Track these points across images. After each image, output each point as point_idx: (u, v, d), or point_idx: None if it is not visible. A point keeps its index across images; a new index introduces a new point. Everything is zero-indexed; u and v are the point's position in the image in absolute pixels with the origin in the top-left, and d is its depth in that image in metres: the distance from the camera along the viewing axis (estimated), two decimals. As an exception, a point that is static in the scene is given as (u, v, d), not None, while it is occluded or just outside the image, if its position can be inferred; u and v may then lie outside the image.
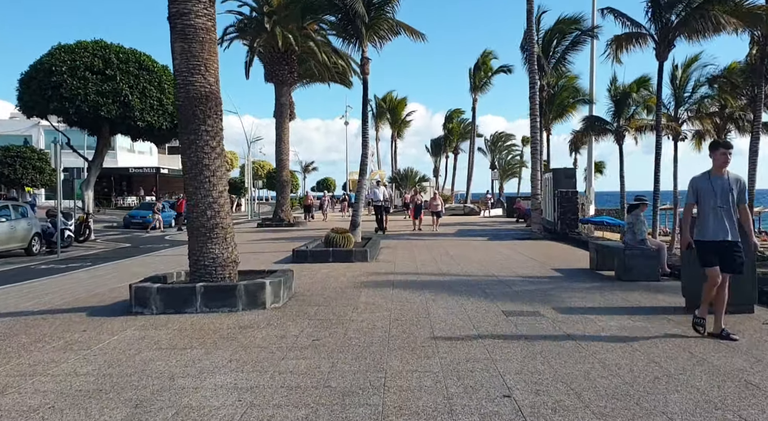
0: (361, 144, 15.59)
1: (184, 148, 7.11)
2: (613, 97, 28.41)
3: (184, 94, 7.02)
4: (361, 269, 10.78)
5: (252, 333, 5.77)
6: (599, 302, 7.38)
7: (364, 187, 15.62)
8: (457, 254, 13.54)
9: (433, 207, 23.32)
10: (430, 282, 9.18)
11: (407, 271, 10.58)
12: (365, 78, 15.32)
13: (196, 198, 7.06)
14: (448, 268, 11.00)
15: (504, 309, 6.92)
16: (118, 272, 11.44)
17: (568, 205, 18.20)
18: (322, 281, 9.28)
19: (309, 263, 11.87)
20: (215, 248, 7.08)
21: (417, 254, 13.61)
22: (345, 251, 12.12)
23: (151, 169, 49.03)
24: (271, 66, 27.49)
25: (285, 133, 27.74)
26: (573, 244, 16.30)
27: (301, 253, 12.10)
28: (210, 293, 6.66)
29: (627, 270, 9.23)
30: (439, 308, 6.94)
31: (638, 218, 9.46)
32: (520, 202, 32.43)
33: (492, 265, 11.43)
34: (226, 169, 7.37)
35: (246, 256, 13.70)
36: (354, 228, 15.17)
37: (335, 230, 12.95)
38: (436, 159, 72.84)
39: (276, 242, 18.33)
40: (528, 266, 11.30)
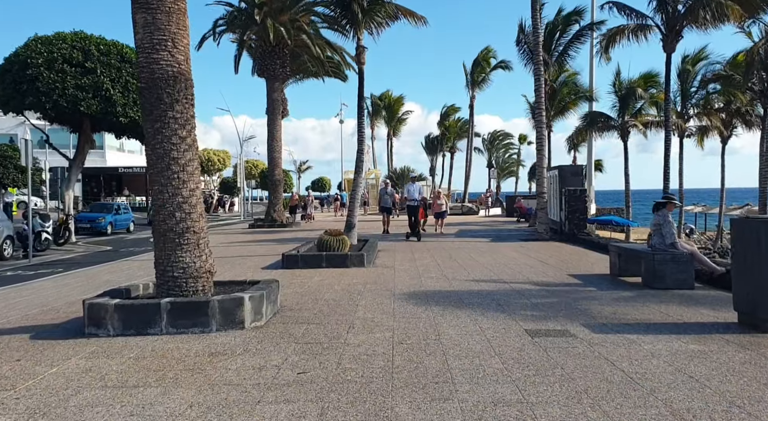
0: (357, 140, 14.52)
1: (148, 138, 6.03)
2: (617, 93, 27.42)
3: (147, 74, 5.94)
4: (358, 276, 9.72)
5: (224, 363, 4.70)
6: (635, 317, 6.34)
7: (360, 185, 14.57)
8: (461, 258, 12.50)
9: (437, 208, 20.84)
10: (436, 292, 8.12)
11: (409, 278, 9.52)
12: (361, 68, 14.26)
13: (163, 198, 5.98)
14: (453, 274, 9.94)
15: (527, 327, 5.87)
16: (87, 280, 10.34)
17: (576, 204, 17.18)
18: (313, 292, 8.20)
19: (300, 268, 10.80)
20: (186, 256, 6.00)
21: (417, 258, 12.56)
22: (340, 255, 11.05)
23: (140, 168, 47.69)
24: (262, 60, 26.38)
25: (277, 131, 26.64)
26: (583, 245, 15.28)
27: (291, 258, 11.03)
28: (178, 310, 5.58)
29: (657, 277, 8.20)
30: (450, 327, 5.88)
31: (666, 218, 8.42)
32: (520, 201, 31.46)
33: (501, 270, 10.38)
34: (199, 163, 6.29)
35: (233, 260, 12.69)
36: (349, 230, 14.10)
37: (329, 232, 11.89)
38: (432, 158, 71.82)
39: (266, 245, 17.25)
40: (541, 271, 10.26)
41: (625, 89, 26.82)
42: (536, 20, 17.36)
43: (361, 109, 14.43)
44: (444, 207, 20.90)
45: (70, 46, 18.77)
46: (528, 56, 24.18)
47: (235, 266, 11.59)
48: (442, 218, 20.71)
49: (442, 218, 20.67)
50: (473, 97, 43.62)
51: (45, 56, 18.31)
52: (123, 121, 19.49)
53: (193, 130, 6.20)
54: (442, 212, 20.74)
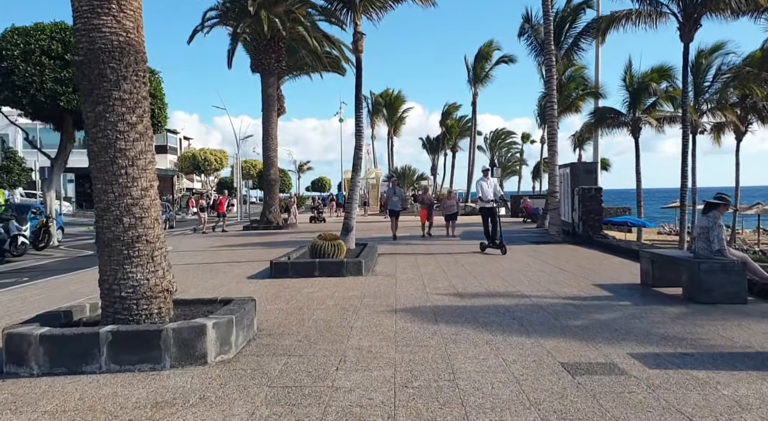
0: (355, 136, 13.32)
1: (88, 125, 4.85)
2: (628, 87, 26.19)
3: (86, 44, 4.75)
4: (355, 287, 8.53)
5: (170, 419, 3.51)
6: (693, 344, 5.15)
7: (357, 185, 13.37)
8: (469, 264, 11.30)
9: (448, 208, 18.77)
10: (445, 308, 6.92)
11: (413, 289, 8.33)
12: (358, 57, 13.06)
13: (107, 199, 4.80)
14: (463, 284, 8.75)
15: (563, 360, 4.68)
16: (48, 293, 9.15)
17: (592, 204, 15.98)
18: (301, 308, 7.01)
19: (290, 277, 9.61)
20: (137, 271, 4.82)
21: (421, 264, 11.37)
22: (335, 262, 9.86)
23: (135, 168, 46.65)
24: (257, 54, 25.23)
25: (273, 128, 25.46)
26: (600, 248, 14.07)
27: (280, 266, 9.83)
28: (122, 341, 4.39)
29: (703, 289, 7.01)
30: (467, 360, 4.69)
31: (716, 221, 7.22)
32: (526, 201, 30.26)
33: (516, 279, 9.18)
34: (153, 156, 5.09)
35: (218, 267, 11.46)
36: (346, 233, 12.91)
37: (323, 236, 10.69)
38: (434, 157, 70.66)
39: (258, 249, 16.06)
40: (561, 280, 9.06)
41: (637, 84, 25.57)
42: (547, 6, 16.16)
43: (359, 101, 13.24)
44: (455, 208, 18.95)
45: (49, 38, 17.57)
46: (533, 48, 23.02)
47: (218, 275, 10.40)
48: (454, 219, 18.68)
49: (453, 220, 18.64)
50: (476, 94, 42.42)
51: (21, 48, 17.10)
52: (106, 118, 18.28)
53: (146, 115, 5.02)
54: (454, 214, 18.73)
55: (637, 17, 19.49)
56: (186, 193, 54.55)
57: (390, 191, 18.43)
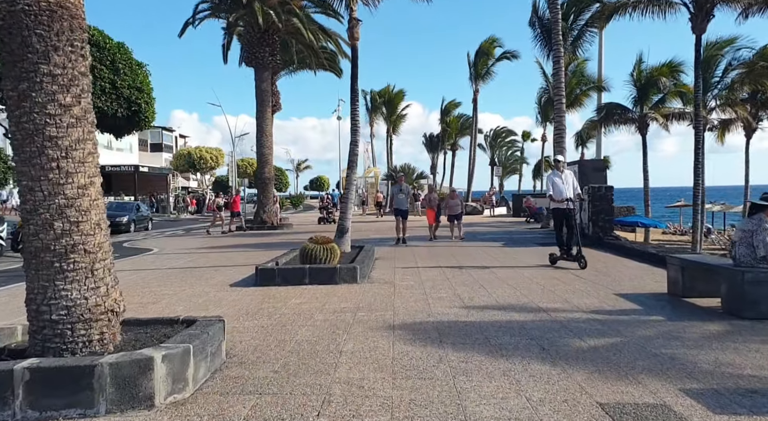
0: (350, 130, 12.37)
1: (11, 106, 3.90)
2: (635, 82, 25.26)
3: (5, 5, 3.80)
4: (348, 298, 7.60)
5: None
6: (756, 376, 4.22)
7: (353, 183, 12.44)
8: (474, 269, 10.37)
9: (452, 208, 17.30)
10: (451, 325, 5.99)
11: (413, 300, 7.40)
12: (354, 44, 12.12)
13: (35, 199, 3.86)
14: (470, 294, 7.82)
15: (600, 399, 3.75)
16: (10, 302, 8.20)
17: (601, 203, 15.05)
18: (284, 325, 6.07)
19: (277, 285, 8.68)
20: (72, 288, 3.88)
21: (422, 268, 10.44)
22: (327, 269, 8.92)
23: (129, 167, 45.72)
24: (250, 47, 24.28)
25: (267, 124, 24.52)
26: (613, 251, 13.15)
27: (266, 272, 8.89)
28: (43, 380, 3.45)
29: (748, 303, 6.09)
30: (482, 400, 3.75)
31: (762, 224, 6.29)
32: (529, 200, 29.35)
33: (529, 287, 8.25)
34: (95, 146, 4.14)
35: (201, 272, 10.43)
36: (341, 235, 11.97)
37: (315, 239, 9.75)
38: (433, 156, 69.72)
39: (249, 251, 15.13)
40: (579, 288, 8.13)
41: (645, 79, 24.64)
42: (555, -7, 15.22)
43: (354, 93, 12.29)
44: (460, 207, 17.41)
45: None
46: (539, 40, 22.09)
47: (199, 282, 9.45)
48: (459, 219, 17.16)
49: (458, 220, 17.12)
50: (477, 91, 41.46)
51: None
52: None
53: (86, 95, 4.07)
54: (458, 214, 17.24)
55: (646, 5, 18.55)
56: (181, 193, 53.59)
57: (396, 188, 16.72)
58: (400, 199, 16.12)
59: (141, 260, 13.36)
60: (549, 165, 72.57)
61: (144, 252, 15.92)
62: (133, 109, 18.26)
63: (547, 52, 22.29)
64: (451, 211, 17.22)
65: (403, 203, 16.04)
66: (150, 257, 14.37)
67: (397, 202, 16.23)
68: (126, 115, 18.26)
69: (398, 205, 16.20)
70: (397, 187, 16.52)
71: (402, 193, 16.14)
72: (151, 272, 10.94)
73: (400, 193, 16.24)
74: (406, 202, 16.12)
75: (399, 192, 16.28)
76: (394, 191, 15.74)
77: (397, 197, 16.18)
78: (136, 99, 18.17)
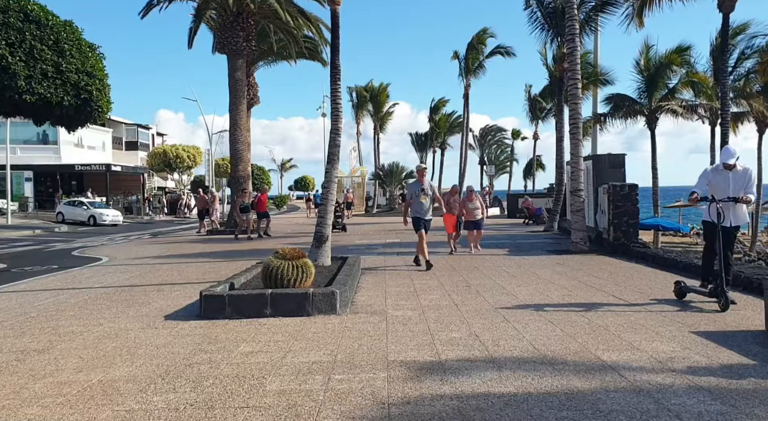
0: (330, 115, 10.12)
1: None
2: (643, 71, 23.23)
3: None
4: (321, 342, 5.36)
5: None
6: None
7: (334, 181, 10.16)
8: (486, 288, 8.18)
9: (470, 213, 13.24)
10: (479, 400, 3.77)
11: (415, 348, 5.17)
12: (334, 9, 9.83)
13: None
14: (492, 333, 5.61)
15: None
16: None
17: (624, 204, 12.93)
18: (212, 406, 3.81)
19: (227, 318, 6.42)
20: None
21: (420, 290, 8.23)
22: (296, 294, 6.66)
23: (100, 166, 42.99)
24: (222, 32, 21.94)
25: (241, 117, 22.17)
26: (647, 263, 11.03)
27: (213, 301, 6.59)
28: None
29: None
30: None
31: None
32: (528, 200, 27.27)
33: (570, 320, 6.04)
34: None
35: (138, 294, 7.58)
36: (319, 245, 9.71)
37: (283, 252, 7.45)
38: (422, 154, 67.62)
39: (213, 261, 12.84)
40: (640, 323, 5.95)
41: (654, 67, 22.62)
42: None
43: (335, 70, 10.03)
44: (480, 212, 13.39)
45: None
46: (537, 25, 19.95)
47: (126, 313, 7.14)
48: (479, 229, 13.37)
49: (478, 230, 13.35)
50: (468, 86, 39.22)
51: None
52: (29, 99, 14.90)
53: None
54: (478, 221, 13.30)
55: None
56: (157, 193, 50.88)
57: (415, 187, 10.63)
58: (421, 203, 10.44)
59: (76, 275, 11.00)
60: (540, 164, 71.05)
61: (90, 262, 13.56)
62: (83, 97, 15.85)
63: (549, 36, 20.16)
64: (470, 216, 13.25)
65: (423, 210, 10.47)
66: (91, 269, 12.01)
67: (416, 208, 10.48)
68: (75, 104, 15.84)
69: (418, 213, 10.45)
70: (416, 187, 10.59)
71: (424, 194, 10.47)
72: (76, 294, 8.61)
73: (421, 194, 10.45)
74: (430, 209, 10.64)
75: (420, 193, 10.46)
76: (412, 192, 10.52)
77: (418, 201, 10.44)
78: (85, 85, 15.75)
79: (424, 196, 10.46)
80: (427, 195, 10.49)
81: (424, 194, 10.48)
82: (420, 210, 10.48)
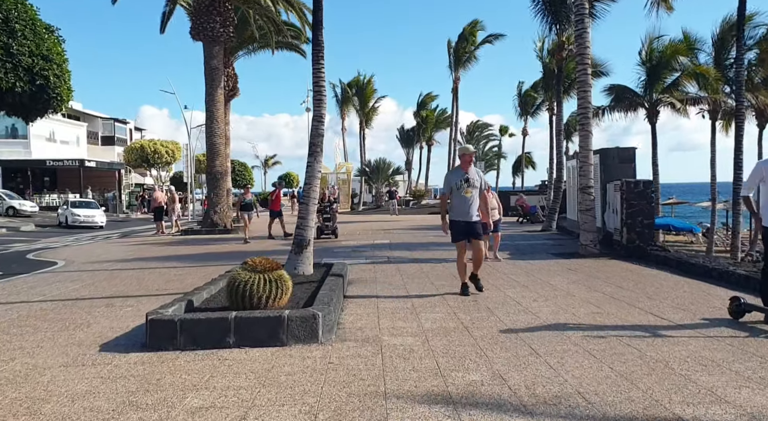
0: (312, 99, 8.73)
1: None
2: (645, 62, 22.11)
3: None
4: (298, 390, 3.99)
5: None
6: None
7: (317, 176, 8.76)
8: (498, 304, 6.86)
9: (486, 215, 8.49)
10: None
11: (424, 397, 3.83)
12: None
13: None
14: (521, 372, 4.29)
15: None
16: None
17: (639, 203, 11.72)
18: None
19: (178, 350, 5.03)
20: None
21: (419, 304, 6.90)
22: (267, 318, 5.27)
23: (73, 161, 41.09)
24: (198, 17, 20.40)
25: (218, 108, 20.65)
26: (670, 269, 9.79)
27: (162, 327, 5.18)
28: None
29: None
30: None
31: None
32: (522, 198, 26.11)
33: (622, 357, 4.74)
34: None
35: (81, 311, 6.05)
36: (300, 251, 8.32)
37: (253, 263, 6.04)
38: (408, 151, 66.37)
39: (181, 267, 11.41)
40: (709, 358, 4.67)
41: (657, 58, 21.49)
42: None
43: (318, 46, 8.63)
44: (498, 214, 11.54)
45: None
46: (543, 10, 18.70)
47: (55, 339, 5.71)
48: (496, 232, 11.29)
49: (495, 233, 11.21)
50: (457, 79, 38.10)
51: None
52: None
53: None
54: (495, 223, 11.02)
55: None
56: (135, 190, 49.02)
57: (456, 177, 7.46)
58: (463, 199, 7.39)
59: (17, 285, 9.51)
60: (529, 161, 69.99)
61: (42, 268, 12.05)
62: (38, 83, 14.29)
63: (548, 23, 18.92)
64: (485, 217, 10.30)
65: (469, 208, 7.39)
66: (37, 277, 10.51)
67: (458, 207, 7.44)
68: (29, 90, 14.26)
69: (459, 214, 7.41)
70: (457, 175, 7.43)
71: (469, 185, 7.37)
72: (5, 311, 7.15)
73: (464, 185, 7.36)
74: (475, 206, 7.44)
75: (463, 183, 7.36)
76: (451, 183, 7.44)
77: (459, 195, 7.40)
78: (41, 70, 14.17)
79: (468, 189, 7.30)
80: (473, 187, 7.35)
81: (469, 186, 7.31)
82: (461, 208, 7.34)
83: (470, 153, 7.68)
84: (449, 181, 7.54)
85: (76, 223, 27.78)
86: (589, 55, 12.02)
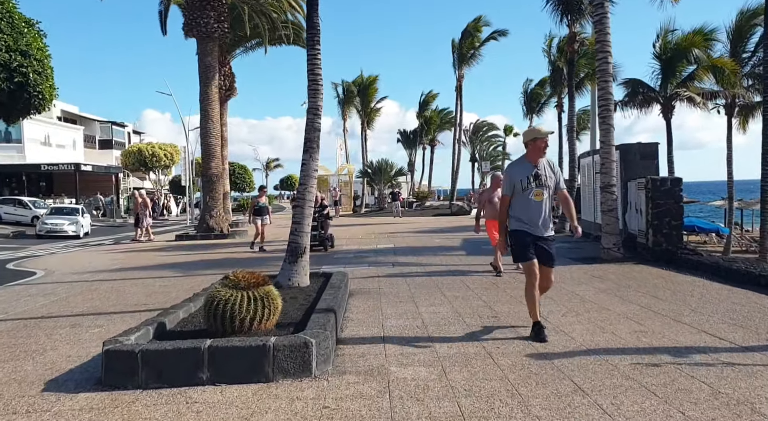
0: (308, 88, 7.79)
1: None
2: (660, 55, 21.13)
3: None
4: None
5: None
6: None
7: (312, 175, 7.81)
8: (523, 320, 5.90)
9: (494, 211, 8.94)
10: None
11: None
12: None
13: None
14: (569, 423, 3.34)
15: None
16: None
17: (666, 202, 10.74)
18: None
19: (138, 389, 4.08)
20: None
21: (432, 324, 5.95)
22: (249, 348, 4.31)
23: (68, 166, 40.20)
24: (191, 12, 19.53)
25: (213, 108, 19.74)
26: (709, 276, 8.78)
27: (120, 361, 4.23)
28: None
29: None
30: None
31: None
32: (531, 198, 25.05)
33: (688, 394, 3.79)
34: None
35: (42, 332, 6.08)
36: (294, 260, 7.37)
37: (236, 277, 5.09)
38: (411, 152, 65.47)
39: (167, 277, 10.47)
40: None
41: (672, 50, 20.51)
42: None
43: (313, 30, 7.69)
44: None
45: None
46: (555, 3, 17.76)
47: (5, 367, 4.77)
48: None
49: None
50: (461, 77, 37.07)
51: None
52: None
53: None
54: None
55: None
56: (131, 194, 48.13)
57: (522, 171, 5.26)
58: (531, 205, 5.21)
59: (-17, 300, 8.58)
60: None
61: (18, 279, 11.17)
62: (16, 81, 13.36)
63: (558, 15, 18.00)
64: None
65: (540, 216, 5.21)
66: (9, 290, 9.60)
67: (523, 213, 5.23)
68: (7, 88, 13.36)
69: (526, 224, 5.23)
70: (524, 170, 5.25)
71: (540, 184, 5.20)
72: (-44, 334, 6.21)
73: (533, 184, 5.20)
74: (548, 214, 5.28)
75: (531, 181, 5.20)
76: (514, 178, 5.23)
77: (524, 198, 5.22)
78: (19, 66, 13.26)
79: (539, 192, 5.18)
80: (546, 186, 5.21)
81: (540, 185, 5.19)
82: (529, 215, 5.21)
83: (543, 136, 5.25)
84: (512, 178, 5.26)
85: (42, 232, 24.75)
86: (609, 43, 11.05)
